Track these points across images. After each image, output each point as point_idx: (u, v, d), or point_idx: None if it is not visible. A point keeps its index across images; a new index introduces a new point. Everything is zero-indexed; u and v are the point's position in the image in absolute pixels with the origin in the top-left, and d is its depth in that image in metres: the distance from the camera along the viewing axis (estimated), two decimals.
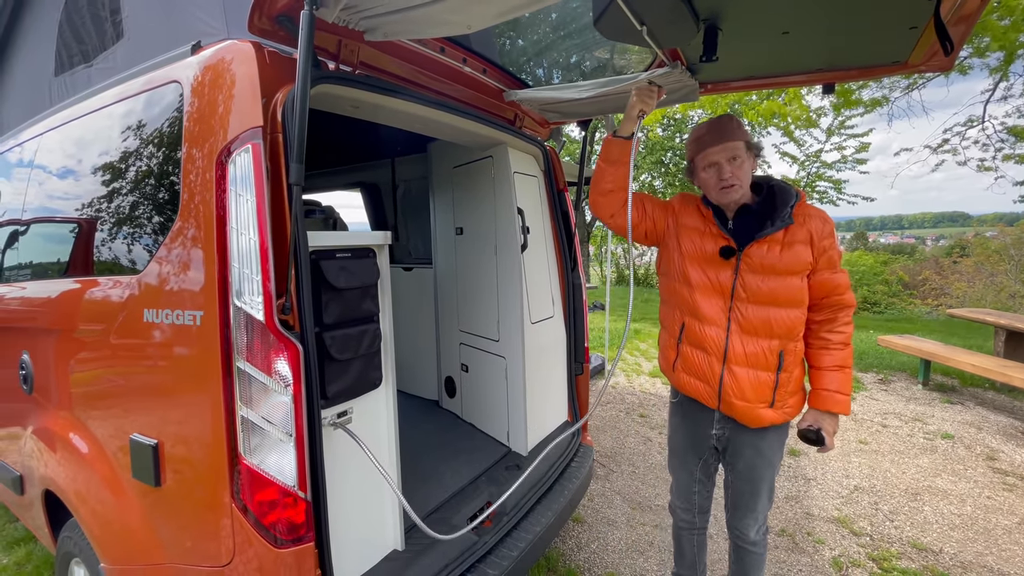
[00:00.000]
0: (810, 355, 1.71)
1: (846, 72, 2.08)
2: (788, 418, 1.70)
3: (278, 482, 1.21)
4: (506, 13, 1.36)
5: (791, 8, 1.56)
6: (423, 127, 2.08)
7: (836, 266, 1.63)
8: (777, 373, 1.63)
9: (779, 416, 1.67)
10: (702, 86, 2.24)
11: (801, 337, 1.67)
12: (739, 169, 1.63)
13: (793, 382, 1.67)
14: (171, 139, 1.38)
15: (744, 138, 1.66)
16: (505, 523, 1.97)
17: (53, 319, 1.79)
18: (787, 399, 1.67)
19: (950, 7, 1.45)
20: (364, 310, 1.54)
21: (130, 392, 1.46)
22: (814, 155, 14.12)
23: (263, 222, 1.19)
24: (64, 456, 1.70)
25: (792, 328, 1.62)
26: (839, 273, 1.63)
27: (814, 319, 1.67)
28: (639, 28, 1.54)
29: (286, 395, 1.20)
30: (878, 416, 4.37)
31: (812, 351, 1.70)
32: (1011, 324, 4.65)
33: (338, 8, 1.32)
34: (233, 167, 1.22)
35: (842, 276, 1.63)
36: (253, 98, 1.25)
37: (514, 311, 2.53)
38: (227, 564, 1.26)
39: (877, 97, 9.49)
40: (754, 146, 1.67)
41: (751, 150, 1.66)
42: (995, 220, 26.89)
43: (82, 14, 2.07)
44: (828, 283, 1.62)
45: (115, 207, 1.60)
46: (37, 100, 2.41)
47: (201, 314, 1.24)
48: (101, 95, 1.70)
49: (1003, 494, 3.10)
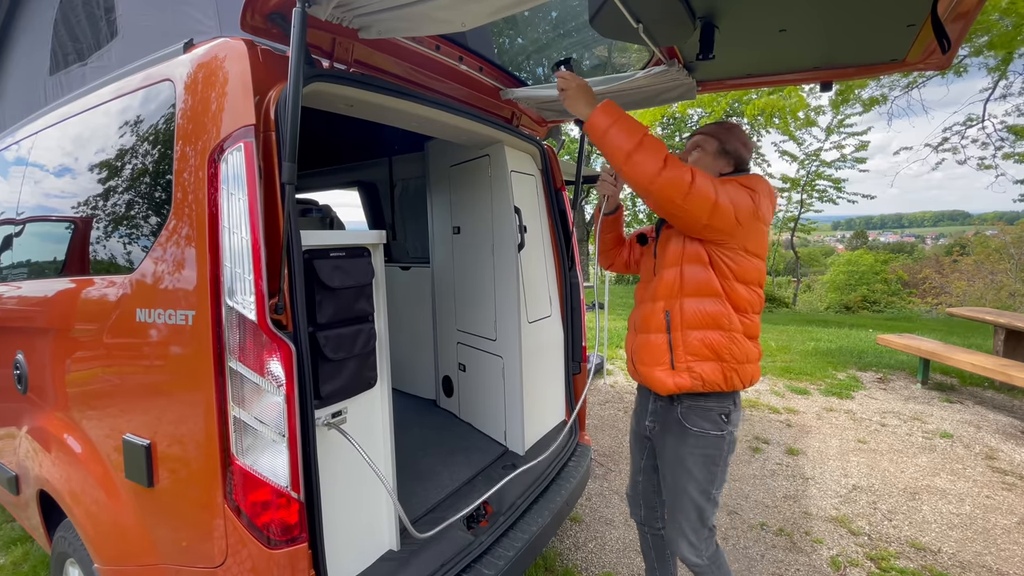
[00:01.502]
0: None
1: (843, 70, 2.07)
2: (695, 384, 1.59)
3: (271, 483, 1.20)
4: (499, 11, 1.35)
5: (788, 6, 1.55)
6: (419, 126, 2.07)
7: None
8: (668, 333, 1.63)
9: (685, 379, 1.59)
10: (700, 84, 2.23)
11: (691, 296, 1.60)
12: (695, 162, 1.71)
13: (707, 345, 1.58)
14: (164, 137, 1.37)
15: (719, 137, 1.72)
16: (501, 523, 1.96)
17: (47, 318, 1.79)
18: (689, 362, 1.59)
19: (947, 4, 1.44)
20: (358, 310, 1.53)
21: (123, 392, 1.46)
22: (813, 154, 14.13)
23: (255, 221, 1.18)
24: (58, 456, 1.69)
25: (670, 287, 1.63)
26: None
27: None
28: (635, 26, 1.54)
29: (279, 395, 1.19)
30: (877, 415, 4.37)
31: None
32: (1010, 323, 4.65)
33: (331, 5, 1.32)
34: (225, 166, 1.21)
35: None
36: (245, 96, 1.24)
37: (511, 310, 2.52)
38: (220, 565, 1.25)
39: (876, 96, 9.48)
40: (730, 152, 1.72)
41: (721, 152, 1.72)
42: (995, 219, 26.90)
43: (77, 12, 2.06)
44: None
45: (108, 206, 1.59)
46: (32, 99, 2.40)
47: (193, 314, 1.23)
48: (94, 94, 1.70)
49: (1002, 493, 3.10)
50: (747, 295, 1.60)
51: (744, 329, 1.62)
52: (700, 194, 1.45)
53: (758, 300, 1.65)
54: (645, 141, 1.47)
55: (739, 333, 1.60)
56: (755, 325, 1.65)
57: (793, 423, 4.25)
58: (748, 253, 1.58)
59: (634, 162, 1.46)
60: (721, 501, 1.80)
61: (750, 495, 3.13)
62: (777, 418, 4.36)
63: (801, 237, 17.93)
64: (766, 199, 1.61)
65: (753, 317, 1.64)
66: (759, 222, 1.58)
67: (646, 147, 1.46)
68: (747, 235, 1.56)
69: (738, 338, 1.60)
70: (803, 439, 3.93)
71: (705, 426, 1.64)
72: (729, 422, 1.65)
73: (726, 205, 1.49)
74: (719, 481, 1.68)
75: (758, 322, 1.67)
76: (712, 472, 1.65)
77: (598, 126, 1.51)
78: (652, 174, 1.45)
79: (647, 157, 1.45)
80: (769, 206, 1.63)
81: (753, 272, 1.60)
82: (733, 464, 3.51)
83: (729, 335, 1.59)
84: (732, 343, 1.59)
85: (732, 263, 1.57)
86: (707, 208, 1.47)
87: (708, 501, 1.67)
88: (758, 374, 1.68)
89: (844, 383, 5.19)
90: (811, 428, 4.14)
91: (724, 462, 1.67)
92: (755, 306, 1.64)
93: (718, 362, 1.59)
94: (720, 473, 1.67)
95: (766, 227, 1.63)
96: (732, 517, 2.90)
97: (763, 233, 1.62)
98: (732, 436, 1.67)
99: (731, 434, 1.67)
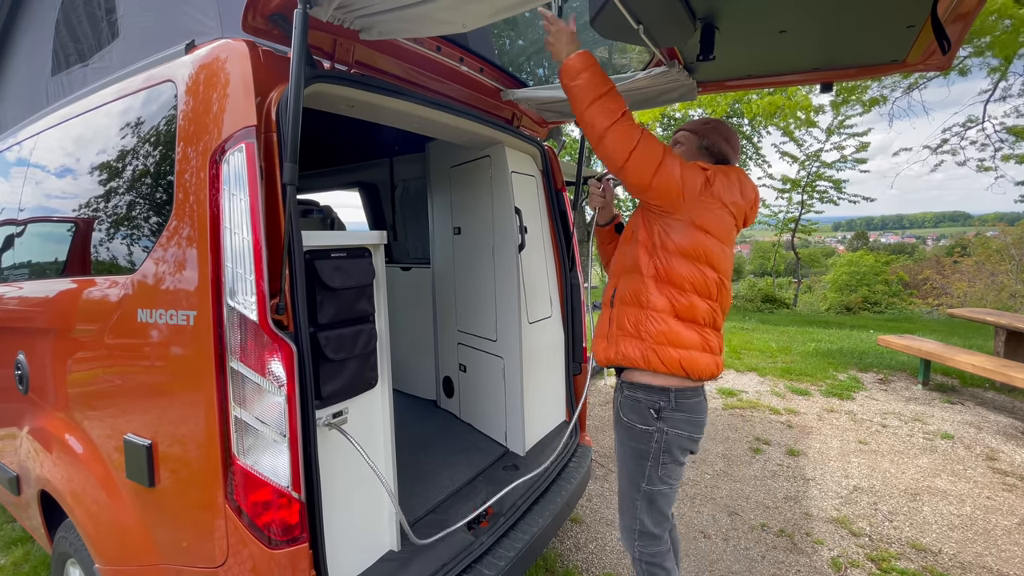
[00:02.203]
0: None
1: (844, 71, 2.07)
2: (618, 358, 1.64)
3: (272, 483, 1.20)
4: (500, 12, 1.36)
5: (788, 7, 1.56)
6: (420, 126, 2.07)
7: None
8: (611, 308, 1.72)
9: (611, 353, 1.66)
10: (700, 85, 2.24)
11: (626, 273, 1.68)
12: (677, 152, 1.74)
13: (628, 320, 1.62)
14: (166, 138, 1.37)
15: (699, 133, 1.75)
16: (502, 523, 1.97)
17: (49, 319, 1.79)
18: (617, 336, 1.66)
19: (947, 5, 1.44)
20: (359, 310, 1.53)
21: (124, 392, 1.46)
22: (814, 155, 14.12)
23: (257, 221, 1.19)
24: (59, 457, 1.70)
25: (622, 264, 1.71)
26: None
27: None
28: (635, 27, 1.54)
29: (280, 395, 1.20)
30: (878, 416, 4.36)
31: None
32: (1011, 324, 4.64)
33: (332, 7, 1.32)
34: (227, 166, 1.21)
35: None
36: (247, 97, 1.24)
37: (511, 311, 2.52)
38: (221, 565, 1.25)
39: (876, 96, 9.48)
40: (708, 148, 1.73)
41: (700, 149, 1.74)
42: (996, 219, 26.91)
43: (79, 13, 2.07)
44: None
45: (110, 206, 1.60)
46: (34, 99, 2.41)
47: (194, 314, 1.23)
48: (96, 94, 1.70)
49: (1003, 494, 3.10)
50: (688, 272, 1.55)
51: (673, 309, 1.57)
52: (646, 151, 1.49)
53: (704, 281, 1.57)
54: (610, 93, 1.51)
55: (658, 311, 1.57)
56: (695, 308, 1.57)
57: (794, 424, 4.24)
58: (695, 227, 1.55)
59: (592, 111, 1.51)
60: (669, 508, 1.70)
61: (751, 496, 3.12)
62: (778, 419, 4.36)
63: (802, 238, 17.91)
64: (726, 182, 1.58)
65: (692, 297, 1.57)
66: (712, 199, 1.55)
67: (609, 97, 1.51)
68: (694, 208, 1.54)
69: (654, 315, 1.57)
70: (804, 440, 3.93)
71: (633, 418, 1.65)
72: (660, 419, 1.59)
73: (671, 170, 1.51)
74: (653, 478, 1.63)
75: (704, 306, 1.58)
76: (640, 466, 1.64)
77: (572, 67, 1.52)
78: (607, 124, 1.49)
79: (607, 107, 1.50)
80: (730, 189, 1.58)
81: (700, 248, 1.55)
82: (734, 465, 3.51)
83: (645, 312, 1.59)
84: (648, 320, 1.58)
85: (674, 235, 1.56)
86: (651, 166, 1.49)
87: (639, 494, 1.66)
88: (699, 365, 1.56)
89: (845, 384, 5.19)
90: (812, 429, 4.14)
91: (657, 460, 1.62)
92: (699, 286, 1.57)
93: (638, 339, 1.60)
94: (652, 470, 1.63)
95: (725, 209, 1.58)
96: (733, 518, 2.90)
97: (717, 211, 1.56)
98: (665, 434, 1.60)
99: (663, 432, 1.60)
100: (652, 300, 1.58)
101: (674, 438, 1.61)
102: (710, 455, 3.69)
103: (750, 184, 1.69)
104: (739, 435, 4.03)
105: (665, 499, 1.67)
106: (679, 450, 1.63)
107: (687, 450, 1.65)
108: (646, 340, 1.58)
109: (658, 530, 1.69)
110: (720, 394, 4.98)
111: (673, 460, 1.63)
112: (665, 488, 1.66)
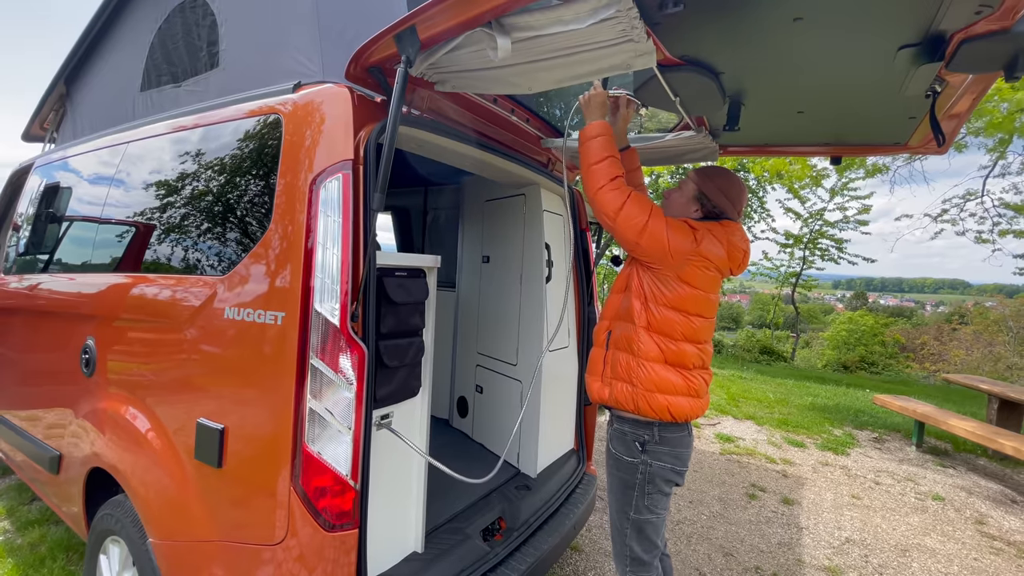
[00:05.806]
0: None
1: (852, 147, 2.32)
2: (612, 401, 1.76)
3: (334, 470, 1.36)
4: (564, 80, 1.59)
5: (807, 93, 1.80)
6: (471, 165, 2.31)
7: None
8: (605, 349, 1.83)
9: (606, 393, 1.78)
10: (721, 148, 2.49)
11: (621, 320, 1.79)
12: (669, 199, 1.92)
13: (620, 365, 1.74)
14: (270, 161, 1.58)
15: (697, 182, 1.82)
16: (515, 537, 2.09)
17: (129, 310, 1.95)
18: (612, 379, 1.77)
19: (942, 106, 1.68)
20: (413, 324, 1.71)
21: (201, 379, 1.62)
22: (817, 213, 14.51)
23: (347, 241, 1.38)
24: (121, 436, 1.83)
25: (616, 309, 1.83)
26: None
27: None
28: (673, 99, 1.79)
29: (350, 392, 1.36)
30: (871, 473, 4.46)
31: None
32: (1003, 392, 4.79)
33: (424, 65, 1.56)
34: (324, 191, 1.42)
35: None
36: (346, 134, 1.46)
37: (534, 338, 2.69)
38: (279, 543, 1.39)
39: (879, 164, 9.87)
40: (703, 199, 1.81)
41: (695, 197, 1.82)
42: (995, 290, 27.18)
43: (176, 40, 2.32)
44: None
45: (204, 213, 1.79)
46: (118, 110, 2.64)
47: (283, 315, 1.41)
48: (200, 114, 1.92)
49: (990, 557, 3.18)
50: (679, 321, 1.68)
51: (663, 356, 1.69)
52: (628, 217, 1.67)
53: (692, 328, 1.69)
54: (608, 160, 1.74)
55: (649, 360, 1.69)
56: (684, 353, 1.69)
57: (789, 474, 4.34)
58: (682, 281, 1.68)
59: (592, 171, 1.74)
60: (657, 536, 1.78)
61: (745, 539, 3.21)
62: (774, 467, 4.45)
63: (802, 293, 18.16)
64: (712, 240, 1.69)
65: (681, 344, 1.69)
66: (698, 258, 1.67)
67: (606, 165, 1.73)
68: (681, 267, 1.67)
69: (645, 364, 1.69)
70: (798, 490, 4.02)
71: (621, 450, 1.77)
72: (645, 451, 1.71)
73: (657, 231, 1.65)
74: (640, 507, 1.73)
75: (693, 350, 1.70)
76: (628, 495, 1.75)
77: (592, 130, 1.78)
78: (597, 187, 1.73)
79: (601, 173, 1.73)
80: (715, 246, 1.70)
81: (689, 300, 1.69)
82: (730, 508, 3.60)
83: (636, 360, 1.71)
84: (639, 368, 1.70)
85: (662, 288, 1.69)
86: (637, 226, 1.66)
87: (627, 522, 1.76)
88: (684, 409, 1.68)
89: (840, 439, 5.29)
90: (806, 480, 4.23)
91: (642, 491, 1.72)
92: (688, 334, 1.69)
93: (630, 385, 1.71)
94: (638, 499, 1.73)
95: (710, 263, 1.69)
96: (728, 559, 2.98)
97: (705, 271, 1.69)
98: (650, 467, 1.70)
99: (647, 464, 1.71)
100: (644, 348, 1.71)
101: (658, 470, 1.72)
102: (707, 497, 3.78)
103: (739, 242, 1.77)
104: (736, 480, 4.12)
105: (653, 527, 1.77)
106: (663, 481, 1.73)
107: (672, 482, 1.75)
108: (637, 387, 1.70)
109: (647, 556, 1.78)
110: (718, 439, 5.08)
111: (658, 491, 1.73)
112: (652, 517, 1.75)
